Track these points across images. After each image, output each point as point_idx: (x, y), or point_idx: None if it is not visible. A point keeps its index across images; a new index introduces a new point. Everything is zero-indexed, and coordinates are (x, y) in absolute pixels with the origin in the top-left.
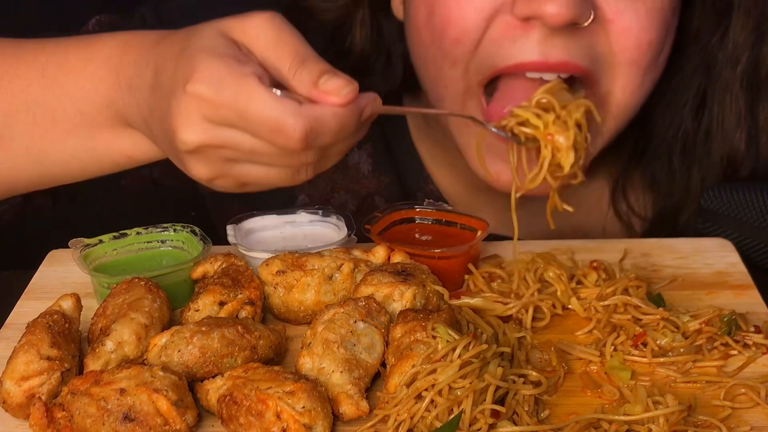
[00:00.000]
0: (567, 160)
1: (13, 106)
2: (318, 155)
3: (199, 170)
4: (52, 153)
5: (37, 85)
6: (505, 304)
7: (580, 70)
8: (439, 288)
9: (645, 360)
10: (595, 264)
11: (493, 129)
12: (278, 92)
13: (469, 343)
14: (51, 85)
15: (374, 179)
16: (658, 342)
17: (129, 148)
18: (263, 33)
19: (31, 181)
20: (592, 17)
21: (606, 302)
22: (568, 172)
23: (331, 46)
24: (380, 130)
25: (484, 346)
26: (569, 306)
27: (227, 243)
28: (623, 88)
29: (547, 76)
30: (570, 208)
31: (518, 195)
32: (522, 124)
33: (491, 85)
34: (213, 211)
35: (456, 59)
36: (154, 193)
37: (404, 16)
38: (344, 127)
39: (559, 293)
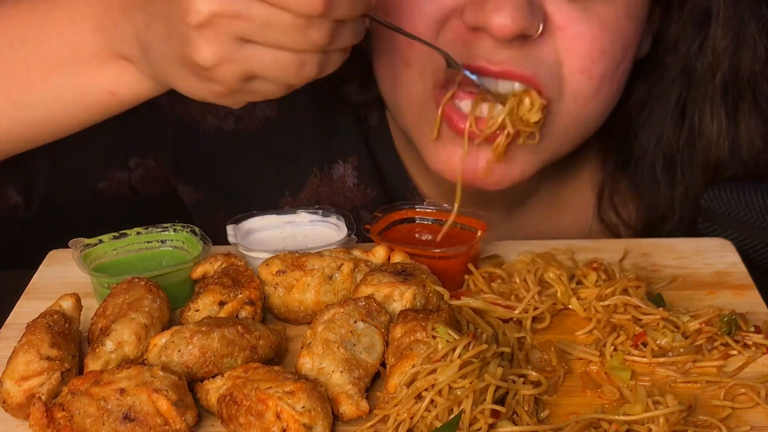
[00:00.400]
0: (532, 113)
1: None
2: (326, 39)
3: (206, 51)
4: (32, 94)
5: (24, 21)
6: (506, 307)
7: (526, 79)
8: (439, 288)
9: (645, 360)
10: (594, 264)
11: (466, 72)
12: None
13: (469, 343)
14: (39, 21)
15: (360, 192)
16: (658, 342)
17: (114, 83)
18: None
19: (10, 130)
20: (540, 29)
21: (606, 302)
22: (529, 130)
23: None
24: (365, 143)
25: (484, 346)
26: (569, 306)
27: (227, 243)
28: (574, 98)
29: (492, 86)
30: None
31: (476, 142)
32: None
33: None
34: (198, 222)
35: (410, 62)
36: (131, 201)
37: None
38: None
39: (559, 294)
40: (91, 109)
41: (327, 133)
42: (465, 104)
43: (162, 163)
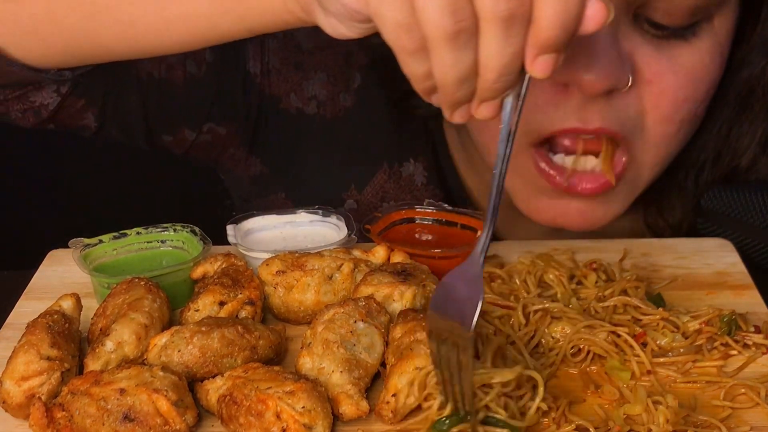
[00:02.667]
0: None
1: None
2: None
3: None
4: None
5: None
6: (505, 307)
7: (614, 134)
8: None
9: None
10: (594, 265)
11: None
12: None
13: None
14: None
15: (427, 192)
16: (657, 342)
17: None
18: None
19: (119, 49)
20: (630, 83)
21: (605, 303)
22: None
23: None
24: (432, 144)
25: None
26: (570, 305)
27: (227, 243)
28: (656, 144)
29: (582, 165)
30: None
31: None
32: None
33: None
34: (255, 199)
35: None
36: (131, 201)
37: None
38: None
39: (559, 295)
40: (267, 22)
41: (400, 130)
42: (559, 158)
43: (233, 132)
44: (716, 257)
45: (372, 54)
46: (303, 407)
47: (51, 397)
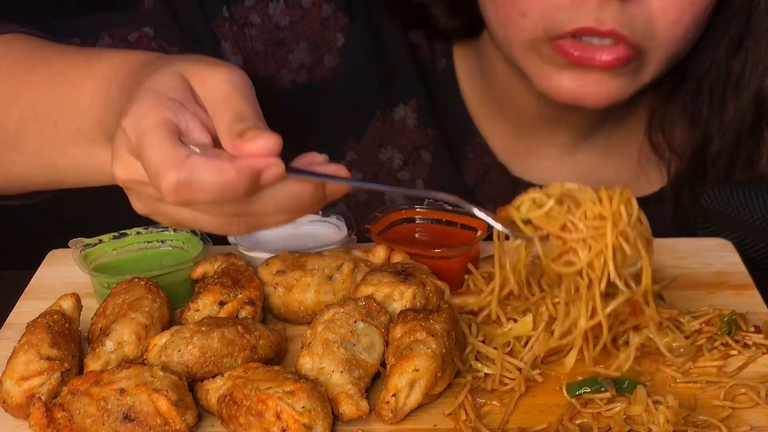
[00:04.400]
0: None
1: (26, 113)
2: (238, 210)
3: (135, 205)
4: (58, 161)
5: (45, 96)
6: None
7: (624, 37)
8: (439, 283)
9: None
10: None
11: (479, 213)
12: (196, 149)
13: None
14: (56, 98)
15: (420, 133)
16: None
17: None
18: (218, 87)
19: (40, 184)
20: None
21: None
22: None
23: None
24: (424, 84)
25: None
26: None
27: (227, 243)
28: (667, 43)
29: (599, 42)
30: None
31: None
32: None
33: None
34: None
35: (524, 11)
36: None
37: None
38: (228, 185)
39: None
40: (106, 179)
41: (387, 78)
42: (585, 38)
43: None
44: (716, 257)
45: None
46: (303, 407)
47: (51, 397)
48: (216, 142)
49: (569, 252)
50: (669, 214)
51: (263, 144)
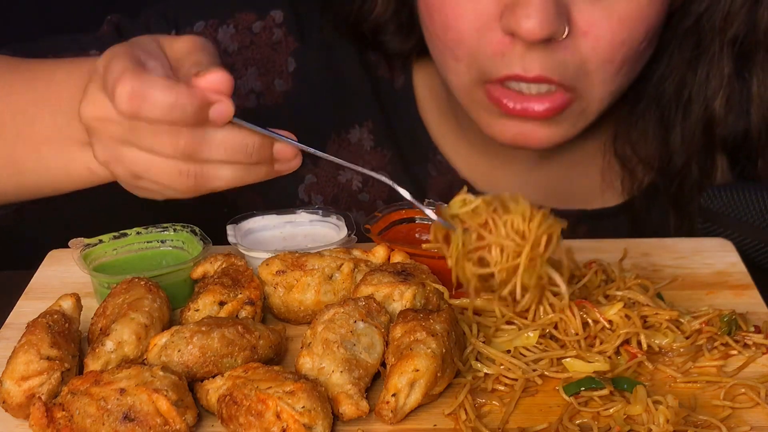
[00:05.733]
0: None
1: (3, 116)
2: (189, 146)
3: (97, 151)
4: (28, 163)
5: (24, 97)
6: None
7: (553, 82)
8: (439, 286)
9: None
10: (593, 265)
11: (412, 200)
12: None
13: None
14: (36, 98)
15: (377, 154)
16: (658, 342)
17: (91, 161)
18: (183, 45)
19: (8, 191)
20: (566, 32)
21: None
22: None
23: (349, 10)
24: (381, 104)
25: None
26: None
27: (227, 243)
28: (602, 82)
29: (527, 89)
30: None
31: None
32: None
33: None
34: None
35: (457, 56)
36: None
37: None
38: (177, 105)
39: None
40: (75, 181)
41: (342, 100)
42: (514, 84)
43: None
44: (716, 257)
45: (328, 2)
46: (303, 407)
47: (51, 397)
48: None
49: (485, 248)
50: (629, 226)
51: (212, 77)
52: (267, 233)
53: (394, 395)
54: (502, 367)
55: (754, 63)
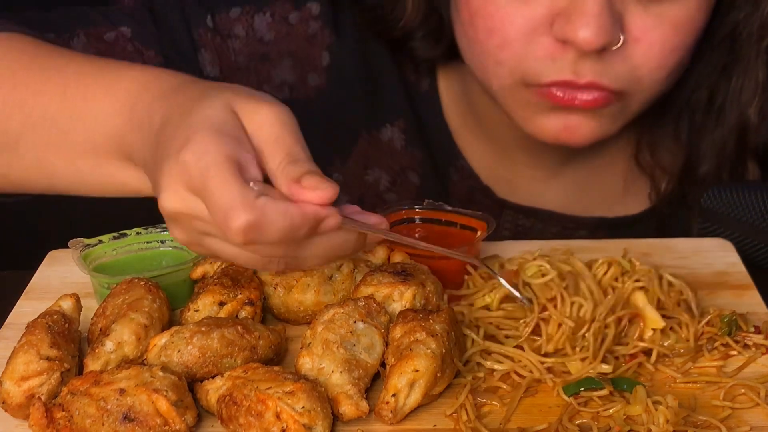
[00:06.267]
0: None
1: (32, 119)
2: (287, 252)
3: (175, 234)
4: (60, 171)
5: (56, 104)
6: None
7: (606, 89)
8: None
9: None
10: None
11: (504, 284)
12: (254, 186)
13: None
14: (69, 107)
15: (407, 154)
16: (661, 343)
17: (132, 182)
18: (268, 125)
19: (40, 189)
20: (621, 41)
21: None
22: None
23: (380, 14)
24: (410, 105)
25: None
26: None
27: None
28: (650, 87)
29: (580, 95)
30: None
31: None
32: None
33: None
34: None
35: (500, 61)
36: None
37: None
38: (293, 229)
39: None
40: (113, 194)
41: (373, 98)
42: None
43: None
44: (716, 257)
45: (363, 4)
46: (303, 407)
47: (51, 397)
48: (265, 179)
49: (545, 320)
50: (653, 233)
51: (323, 194)
52: None
53: (393, 395)
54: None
55: None
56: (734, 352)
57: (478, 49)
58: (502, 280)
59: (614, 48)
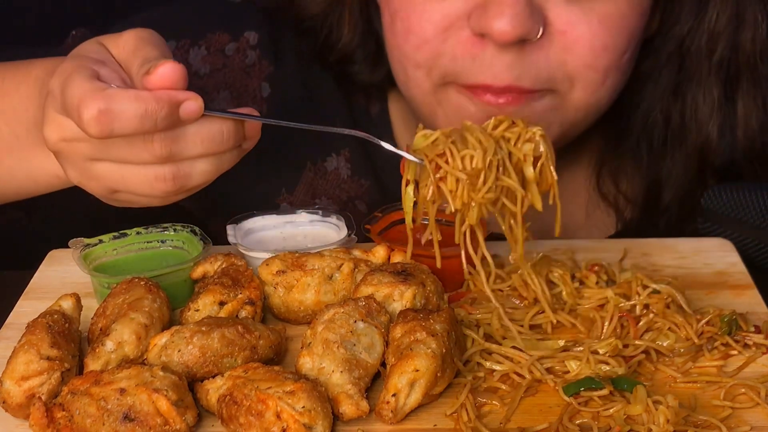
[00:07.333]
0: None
1: None
2: (164, 150)
3: (69, 172)
4: None
5: None
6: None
7: (527, 91)
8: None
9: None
10: (596, 268)
11: (388, 147)
12: (113, 86)
13: None
14: None
15: (354, 183)
16: (659, 343)
17: (57, 168)
18: (129, 42)
19: None
20: (540, 32)
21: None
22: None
23: (318, 38)
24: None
25: None
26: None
27: (227, 243)
28: (584, 87)
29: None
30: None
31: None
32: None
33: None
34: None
35: (418, 63)
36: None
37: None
38: (148, 113)
39: (564, 294)
40: (40, 187)
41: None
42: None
43: None
44: (716, 257)
45: (301, 29)
46: (303, 407)
47: (51, 397)
48: None
49: (443, 179)
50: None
51: (164, 71)
52: (267, 233)
53: (394, 395)
54: (518, 363)
55: (739, 87)
56: (734, 352)
57: (396, 55)
58: (387, 145)
59: (535, 40)
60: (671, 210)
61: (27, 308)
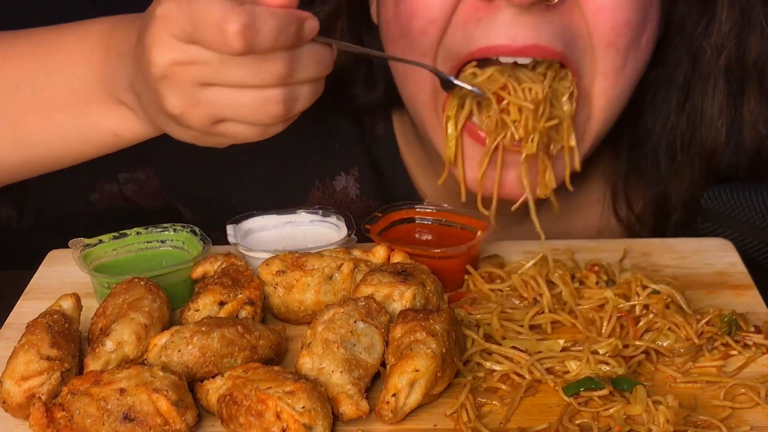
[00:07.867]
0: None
1: (4, 86)
2: (283, 70)
3: (172, 99)
4: (37, 133)
5: (29, 64)
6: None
7: (553, 54)
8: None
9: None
10: (596, 268)
11: (457, 82)
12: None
13: None
14: (43, 63)
15: (362, 204)
16: (659, 343)
17: (116, 125)
18: None
19: (14, 164)
20: None
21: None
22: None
23: None
24: (368, 154)
25: None
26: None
27: (227, 243)
28: (605, 74)
29: (521, 61)
30: (555, 205)
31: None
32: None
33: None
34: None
35: (424, 51)
36: (125, 210)
37: (377, 18)
38: (283, 28)
39: (564, 294)
40: (94, 148)
41: (327, 145)
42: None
43: (155, 180)
44: (716, 257)
45: None
46: (303, 407)
47: (51, 397)
48: None
49: (504, 110)
50: None
51: None
52: (267, 233)
53: (394, 395)
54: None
55: (745, 91)
56: (734, 352)
57: (400, 47)
58: (457, 81)
59: (555, 2)
60: (676, 215)
61: (27, 308)
